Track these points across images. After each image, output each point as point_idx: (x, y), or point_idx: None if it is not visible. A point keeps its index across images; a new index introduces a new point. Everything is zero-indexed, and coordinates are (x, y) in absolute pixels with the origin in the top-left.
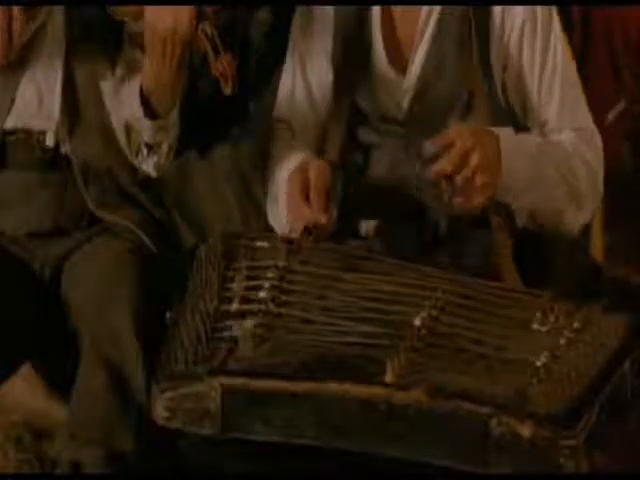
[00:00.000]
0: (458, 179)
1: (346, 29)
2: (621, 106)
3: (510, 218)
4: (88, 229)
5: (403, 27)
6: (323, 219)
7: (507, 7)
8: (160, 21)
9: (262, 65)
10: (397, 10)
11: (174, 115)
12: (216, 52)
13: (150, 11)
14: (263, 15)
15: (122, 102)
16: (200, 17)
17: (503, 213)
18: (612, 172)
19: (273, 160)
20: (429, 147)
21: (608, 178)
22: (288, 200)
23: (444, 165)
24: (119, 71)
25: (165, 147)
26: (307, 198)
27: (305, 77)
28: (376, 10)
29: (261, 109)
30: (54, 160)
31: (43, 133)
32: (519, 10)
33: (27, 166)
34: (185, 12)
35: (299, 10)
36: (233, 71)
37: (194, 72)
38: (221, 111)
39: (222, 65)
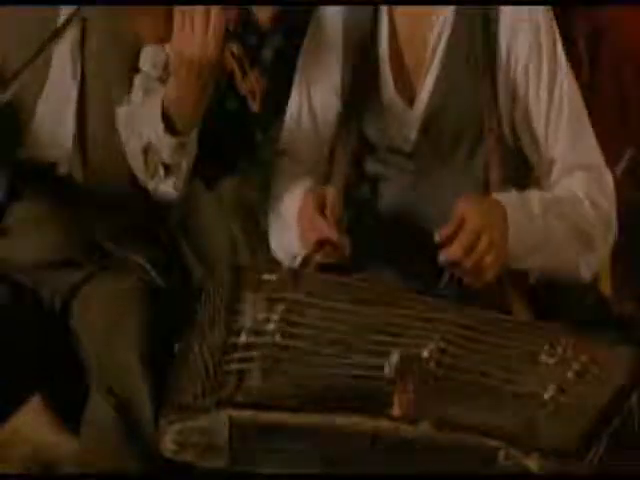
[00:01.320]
0: (467, 263)
1: (354, 58)
2: (629, 154)
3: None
4: (99, 260)
5: (411, 56)
6: (337, 236)
7: (512, 39)
8: (187, 45)
9: (270, 95)
10: (405, 39)
11: (195, 133)
12: (243, 71)
13: (178, 35)
14: (274, 40)
15: (139, 124)
16: (227, 37)
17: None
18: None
19: (278, 189)
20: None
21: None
22: (301, 214)
23: (454, 251)
24: (135, 96)
25: (184, 167)
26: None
27: (311, 106)
28: (384, 39)
29: (268, 139)
30: (66, 190)
31: (56, 163)
32: (524, 43)
33: (39, 196)
34: (213, 36)
35: (307, 38)
36: (261, 88)
37: (218, 91)
38: (229, 140)
39: (250, 83)
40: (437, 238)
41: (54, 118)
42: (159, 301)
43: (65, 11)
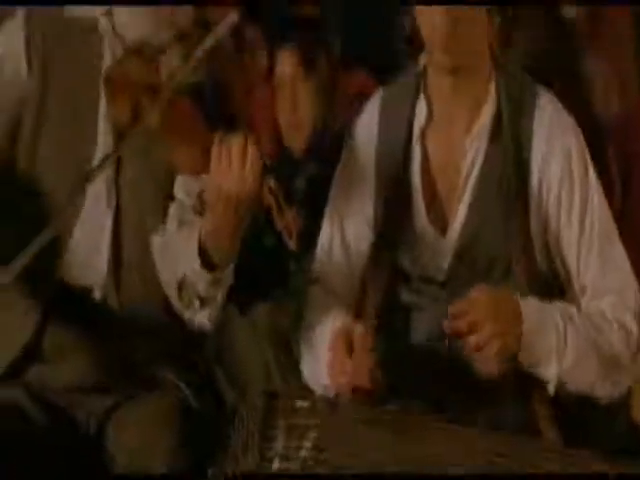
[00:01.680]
0: (472, 341)
1: (387, 188)
2: None
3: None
4: (133, 383)
5: (444, 185)
6: (367, 382)
7: (545, 166)
8: (225, 181)
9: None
10: (438, 168)
11: (231, 268)
12: (280, 207)
13: (215, 169)
14: (307, 169)
15: (173, 256)
16: (264, 172)
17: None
18: None
19: (311, 318)
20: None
21: None
22: (331, 355)
23: (458, 325)
24: (170, 225)
25: (219, 299)
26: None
27: (344, 237)
28: (417, 168)
29: (301, 269)
30: (101, 315)
31: (91, 288)
32: (556, 170)
33: (74, 320)
34: (250, 171)
35: (340, 168)
36: (298, 226)
37: (256, 226)
38: (264, 269)
39: (287, 220)
40: (449, 311)
41: (89, 244)
42: (193, 423)
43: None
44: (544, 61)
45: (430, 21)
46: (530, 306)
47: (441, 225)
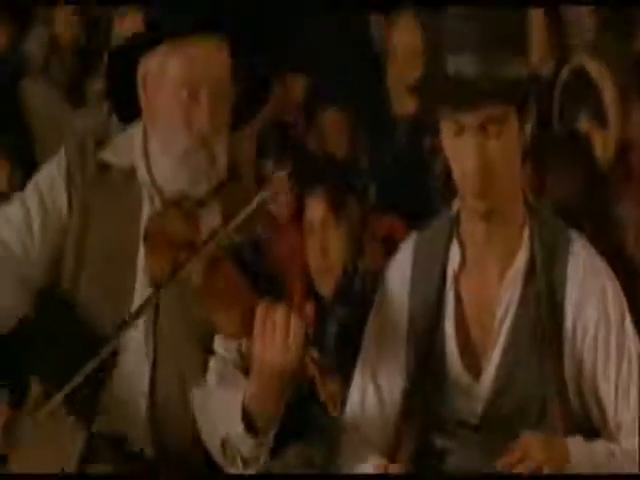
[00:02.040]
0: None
1: (419, 335)
2: None
3: None
4: None
5: (477, 331)
6: None
7: (579, 311)
8: (269, 353)
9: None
10: (472, 315)
11: (273, 433)
12: (323, 377)
13: (258, 340)
14: (339, 312)
15: (215, 411)
16: (307, 342)
17: None
18: None
19: (344, 464)
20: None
21: None
22: None
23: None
24: (210, 379)
25: (262, 460)
26: None
27: (376, 385)
28: (450, 315)
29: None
30: (138, 465)
31: (127, 438)
32: (591, 314)
33: (111, 467)
34: (294, 343)
35: (372, 314)
36: (341, 394)
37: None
38: (298, 413)
39: (330, 389)
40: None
41: (127, 392)
42: None
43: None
44: (576, 204)
45: (461, 166)
46: (576, 444)
47: (475, 370)
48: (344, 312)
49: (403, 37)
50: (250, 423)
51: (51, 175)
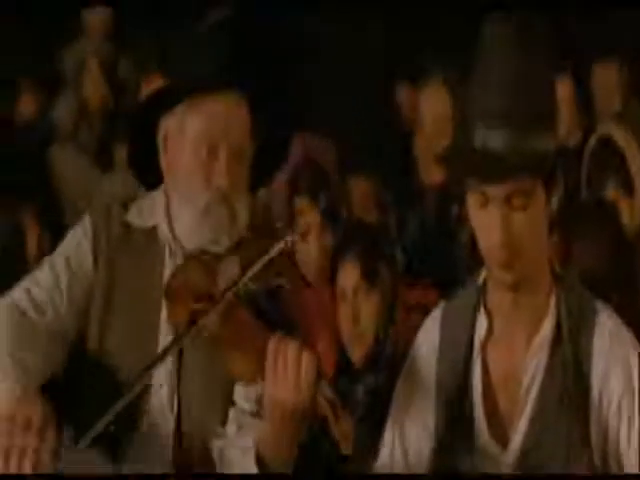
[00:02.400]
0: None
1: (447, 402)
2: None
3: None
4: None
5: (505, 400)
6: None
7: (605, 382)
8: (281, 390)
9: (361, 437)
10: (498, 382)
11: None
12: (337, 416)
13: (270, 378)
14: (368, 379)
15: (233, 463)
16: (319, 380)
17: None
18: None
19: None
20: None
21: None
22: None
23: None
24: (230, 429)
25: None
26: None
27: (404, 447)
28: (477, 383)
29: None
30: None
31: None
32: (616, 385)
33: None
34: (305, 381)
35: (401, 379)
36: (352, 433)
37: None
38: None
39: (343, 428)
40: None
41: (154, 443)
42: None
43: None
44: (603, 273)
45: (487, 238)
46: None
47: (502, 440)
48: (374, 379)
49: (431, 105)
50: (263, 467)
51: (77, 237)
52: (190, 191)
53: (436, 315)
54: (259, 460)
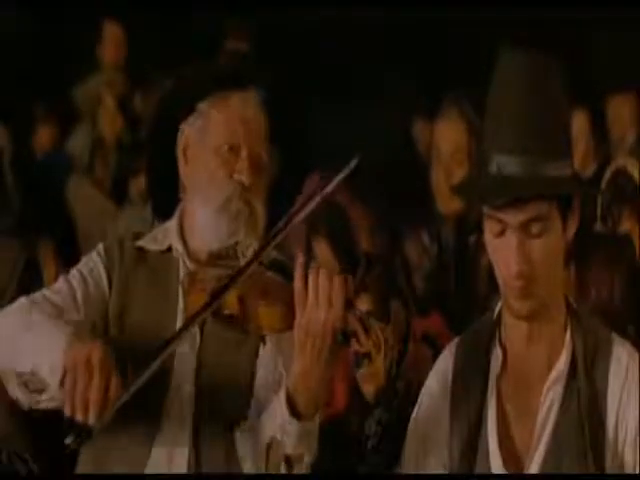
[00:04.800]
0: None
1: (462, 437)
2: None
3: None
4: None
5: (520, 435)
6: None
7: (620, 417)
8: (314, 313)
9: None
10: (513, 418)
11: (317, 420)
12: (366, 330)
13: (302, 306)
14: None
15: (260, 427)
16: (347, 305)
17: None
18: None
19: None
20: None
21: None
22: None
23: None
24: (251, 417)
25: (307, 459)
26: None
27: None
28: (492, 417)
29: None
30: None
31: None
32: (633, 417)
33: None
34: (337, 297)
35: (414, 416)
36: (383, 340)
37: None
38: None
39: (374, 338)
40: None
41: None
42: None
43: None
44: (619, 306)
45: (503, 266)
46: None
47: (517, 474)
48: (385, 413)
49: (448, 137)
50: (294, 408)
51: (91, 261)
52: (211, 187)
53: (450, 349)
54: (290, 404)
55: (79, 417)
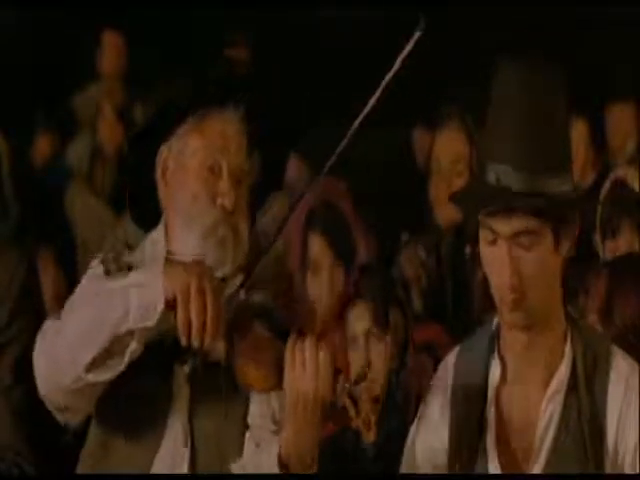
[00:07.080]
0: None
1: (461, 449)
2: None
3: None
4: None
5: (519, 447)
6: None
7: (619, 430)
8: (300, 381)
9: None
10: (513, 430)
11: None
12: (356, 405)
13: (290, 373)
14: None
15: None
16: (336, 373)
17: None
18: None
19: None
20: None
21: None
22: None
23: None
24: (247, 449)
25: None
26: None
27: None
28: (491, 428)
29: None
30: None
31: None
32: (632, 431)
33: None
34: (324, 371)
35: (414, 426)
36: (374, 421)
37: None
38: None
39: (364, 415)
40: None
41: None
42: None
43: None
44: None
45: (495, 276)
46: None
47: None
48: (385, 424)
49: (447, 147)
50: (286, 467)
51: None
52: (195, 213)
53: (449, 360)
54: (282, 464)
55: (195, 341)
